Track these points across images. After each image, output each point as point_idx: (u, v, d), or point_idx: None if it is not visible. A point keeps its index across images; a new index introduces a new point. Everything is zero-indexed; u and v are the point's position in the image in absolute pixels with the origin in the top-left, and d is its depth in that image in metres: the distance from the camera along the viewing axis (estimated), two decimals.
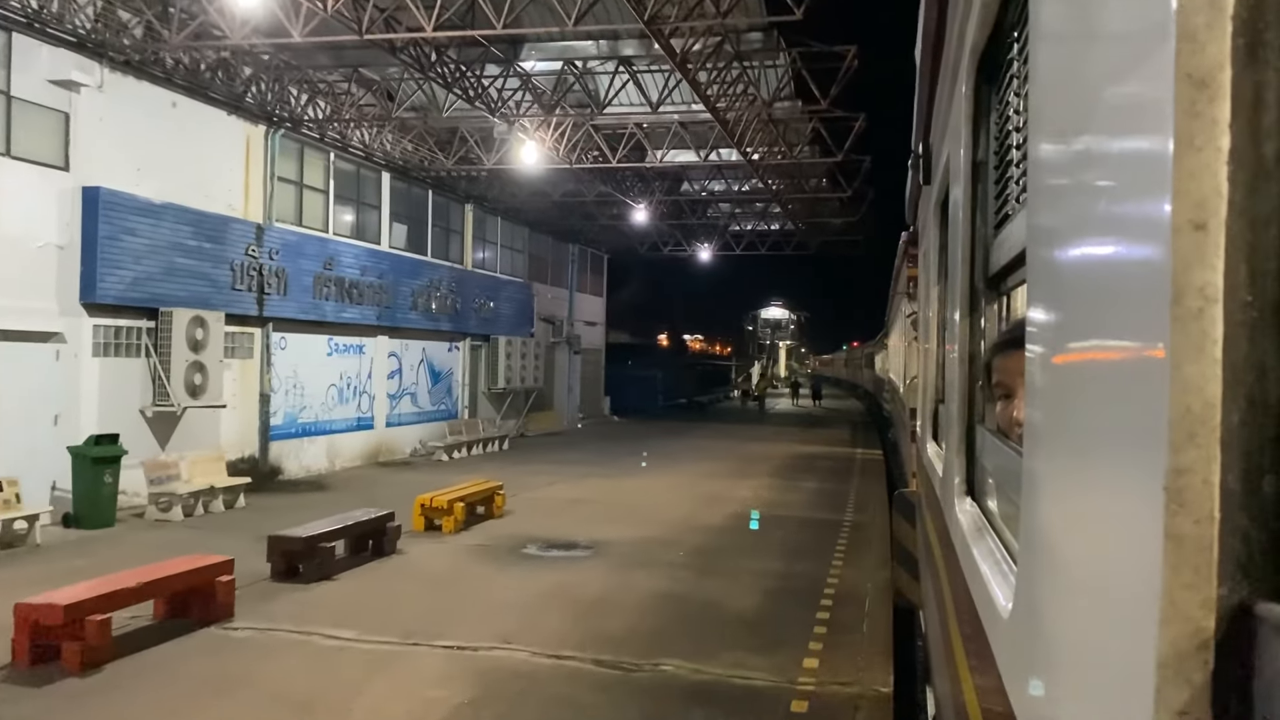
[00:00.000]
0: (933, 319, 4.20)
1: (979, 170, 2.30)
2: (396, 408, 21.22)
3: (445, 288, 22.73)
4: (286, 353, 17.34)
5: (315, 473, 18.12)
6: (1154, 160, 0.69)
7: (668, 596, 9.42)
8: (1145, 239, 0.72)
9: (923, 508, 4.82)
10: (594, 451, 23.75)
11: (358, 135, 19.05)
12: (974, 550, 1.92)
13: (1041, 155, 1.19)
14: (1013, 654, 1.35)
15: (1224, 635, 0.65)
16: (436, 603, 9.10)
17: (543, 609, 8.87)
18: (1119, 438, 0.80)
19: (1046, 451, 1.11)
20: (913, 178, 5.42)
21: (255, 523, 12.26)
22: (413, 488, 14.56)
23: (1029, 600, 1.23)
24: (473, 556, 11.23)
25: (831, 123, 18.93)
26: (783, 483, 18.74)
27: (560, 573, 10.47)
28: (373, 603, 9.07)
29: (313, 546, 9.92)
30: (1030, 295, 1.24)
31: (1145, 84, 0.73)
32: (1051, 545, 1.08)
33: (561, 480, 17.94)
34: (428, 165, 21.07)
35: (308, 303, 17.46)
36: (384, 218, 20.85)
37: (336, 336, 18.91)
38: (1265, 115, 0.65)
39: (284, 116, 16.80)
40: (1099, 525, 0.87)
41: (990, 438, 2.14)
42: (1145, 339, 0.72)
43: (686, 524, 13.50)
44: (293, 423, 17.59)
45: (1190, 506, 0.66)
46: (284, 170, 17.34)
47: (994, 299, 2.24)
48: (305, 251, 17.39)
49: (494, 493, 13.81)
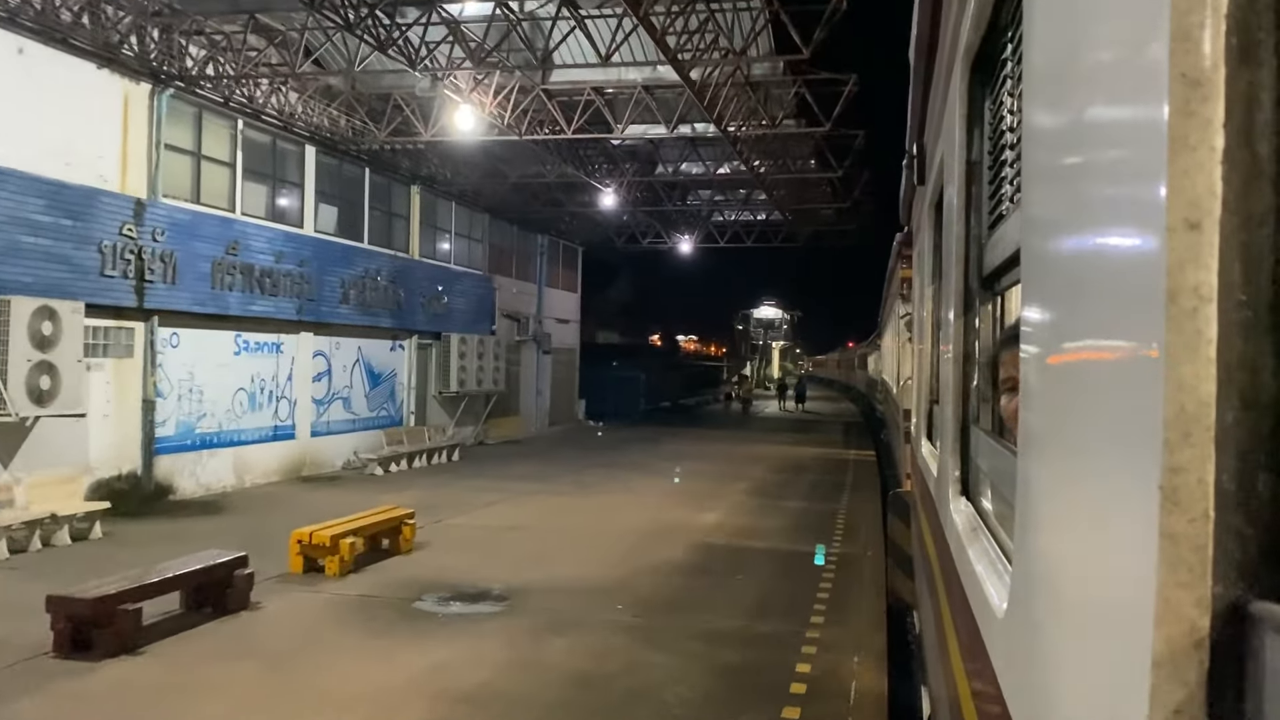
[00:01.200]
0: (927, 319, 4.34)
1: (973, 170, 2.38)
2: (324, 414, 18.80)
3: (385, 278, 20.39)
4: (180, 351, 14.95)
5: (217, 491, 15.69)
6: (1148, 160, 0.73)
7: (587, 685, 7.00)
8: (1139, 238, 0.77)
9: (918, 508, 4.94)
10: (554, 463, 22.28)
11: (274, 101, 16.59)
12: (969, 550, 2.01)
13: (1035, 155, 1.26)
14: (1008, 653, 1.41)
15: (1219, 634, 0.68)
16: (256, 699, 6.51)
17: (399, 712, 6.26)
18: (1114, 437, 0.84)
19: (1041, 451, 1.17)
20: (907, 178, 5.58)
21: (100, 561, 10.52)
22: (330, 508, 13.09)
23: (1024, 600, 1.28)
24: (345, 616, 8.79)
25: (818, 86, 16.43)
26: (761, 503, 16.67)
27: (451, 642, 8.01)
28: (165, 701, 6.46)
29: (108, 611, 7.29)
30: (1024, 295, 1.30)
31: (1139, 83, 0.77)
32: (1046, 544, 1.13)
33: (505, 499, 15.66)
34: (359, 138, 18.51)
35: (206, 293, 15.05)
36: (309, 198, 18.53)
37: (247, 333, 16.53)
38: (1259, 115, 0.68)
39: (173, 73, 14.29)
40: (1094, 524, 0.91)
41: (985, 438, 2.21)
42: (1139, 338, 0.76)
43: (639, 559, 11.79)
44: (188, 433, 15.19)
45: (1185, 505, 0.69)
46: (175, 137, 15.02)
47: (988, 299, 2.29)
48: (202, 233, 15.00)
49: (401, 522, 11.31)
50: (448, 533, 12.88)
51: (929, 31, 3.34)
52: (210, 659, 7.65)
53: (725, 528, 13.81)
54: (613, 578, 10.47)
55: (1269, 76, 0.68)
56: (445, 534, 12.77)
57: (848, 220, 30.67)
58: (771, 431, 34.41)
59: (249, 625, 8.61)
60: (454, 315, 24.20)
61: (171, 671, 7.32)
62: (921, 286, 4.97)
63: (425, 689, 6.95)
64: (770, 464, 22.36)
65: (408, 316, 22.15)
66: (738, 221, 33.79)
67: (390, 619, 8.80)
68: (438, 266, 24.19)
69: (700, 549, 12.25)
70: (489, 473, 19.58)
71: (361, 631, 8.40)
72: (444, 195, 24.64)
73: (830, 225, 32.12)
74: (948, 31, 2.69)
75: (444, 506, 14.80)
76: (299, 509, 14.01)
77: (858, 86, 16.93)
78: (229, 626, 8.51)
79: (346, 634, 8.33)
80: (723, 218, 33.69)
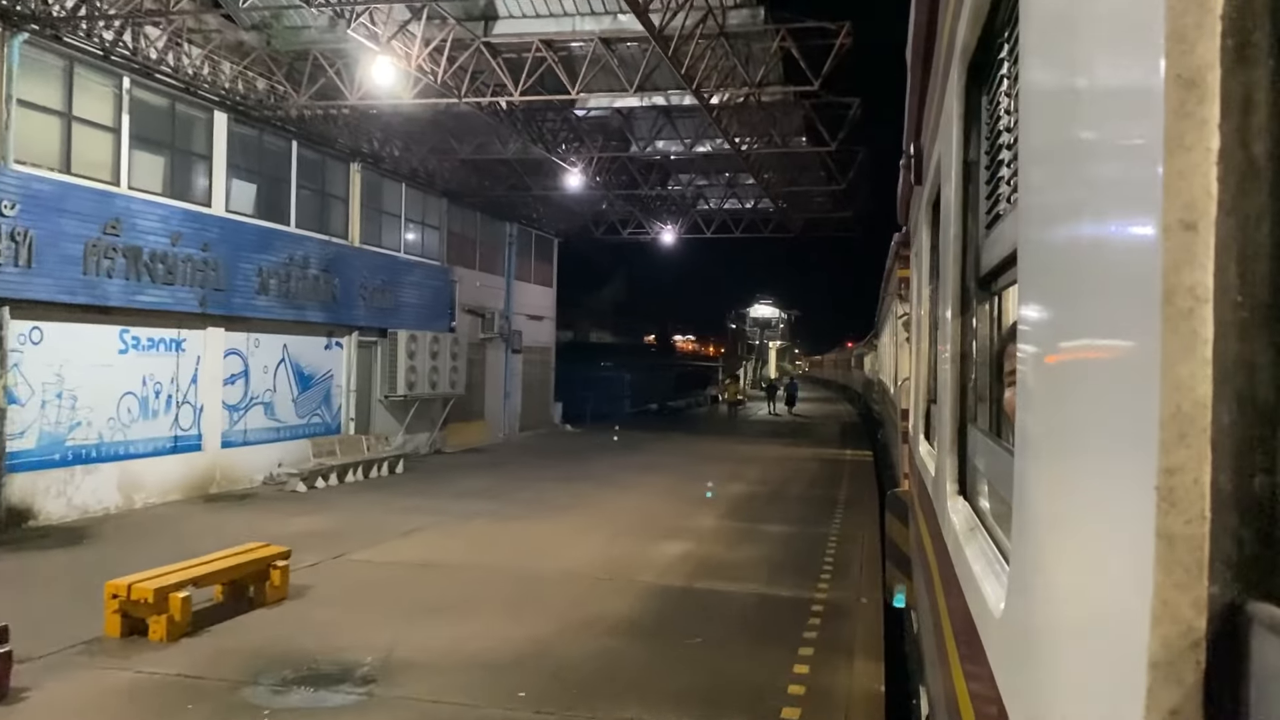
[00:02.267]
0: (925, 319, 4.39)
1: (970, 170, 2.42)
2: (240, 422, 16.41)
3: (316, 267, 17.99)
4: (42, 349, 12.48)
5: (96, 514, 13.37)
6: (1144, 160, 0.73)
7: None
8: (1135, 239, 0.77)
9: (915, 507, 4.87)
10: (513, 475, 19.93)
11: (172, 58, 14.01)
12: (966, 550, 2.03)
13: (1032, 155, 1.26)
14: (1005, 653, 1.42)
15: (1215, 635, 0.69)
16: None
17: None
18: (1110, 437, 0.85)
19: (1038, 451, 1.17)
20: (904, 178, 5.59)
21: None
22: (226, 534, 10.98)
23: (1021, 600, 1.29)
24: (137, 713, 6.19)
25: (805, 37, 13.96)
26: (737, 528, 14.31)
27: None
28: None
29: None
30: (1021, 295, 1.31)
31: (1135, 84, 0.78)
32: (1043, 545, 1.14)
33: (436, 524, 13.38)
34: (278, 102, 15.96)
35: (76, 279, 12.67)
36: (218, 172, 16.13)
37: (137, 328, 14.08)
38: (1254, 115, 0.69)
39: (27, 13, 11.70)
40: (1091, 525, 0.91)
41: (982, 438, 2.25)
42: (1136, 339, 0.77)
43: (574, 611, 9.39)
44: (56, 446, 12.82)
45: (1181, 506, 0.69)
46: (34, 93, 12.60)
47: (986, 299, 2.33)
48: (72, 208, 12.71)
49: (269, 565, 8.76)
50: (343, 573, 10.39)
51: (925, 32, 3.43)
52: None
53: (691, 562, 11.34)
54: (531, 641, 8.02)
55: (1265, 77, 0.68)
56: (339, 575, 10.28)
57: (844, 206, 28.11)
58: (759, 438, 31.93)
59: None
60: (403, 309, 21.66)
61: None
62: (919, 286, 5.01)
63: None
64: (754, 477, 19.91)
65: (345, 310, 19.53)
66: (725, 210, 31.05)
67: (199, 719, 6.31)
68: (383, 255, 21.49)
69: (654, 595, 9.75)
70: (432, 489, 17.07)
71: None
72: (391, 175, 21.87)
73: (825, 212, 29.46)
74: (944, 32, 2.72)
75: (355, 534, 12.38)
76: (186, 537, 11.61)
77: (851, 38, 14.48)
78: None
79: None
80: (708, 205, 31.11)
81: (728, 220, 31.35)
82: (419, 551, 11.77)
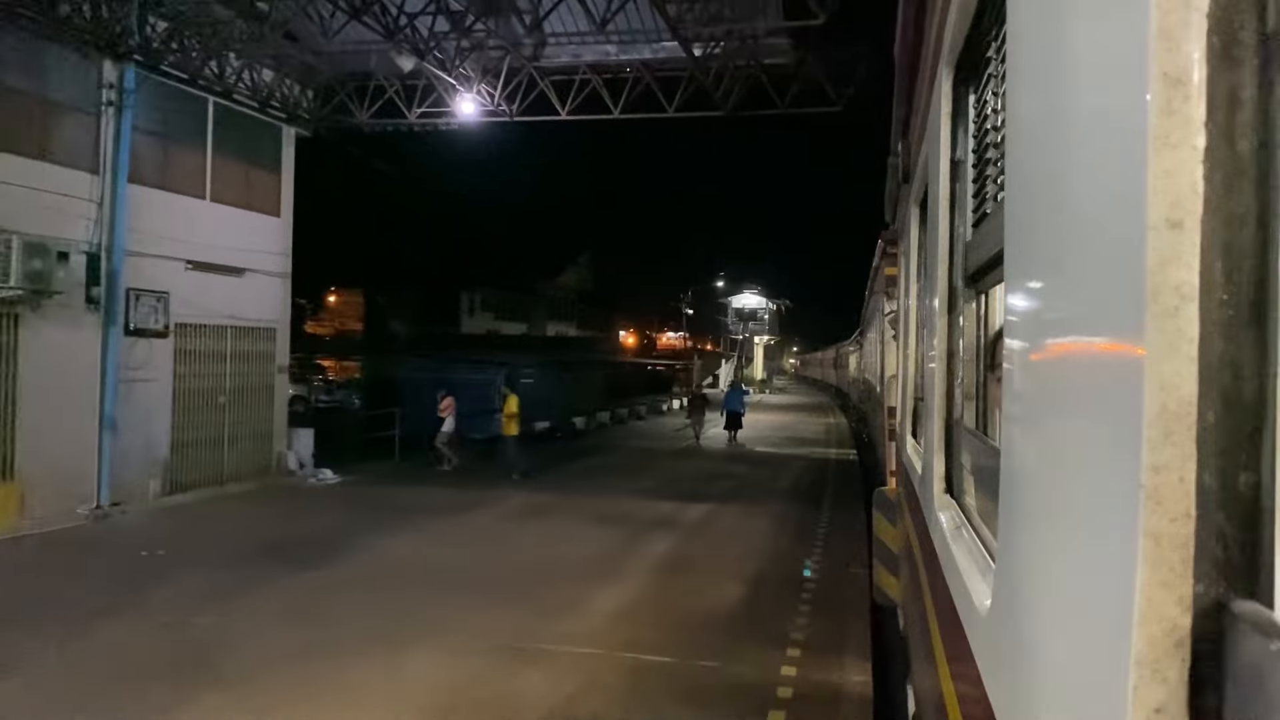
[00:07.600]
0: (912, 316, 4.42)
1: (957, 169, 2.45)
2: None
3: None
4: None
5: None
6: (1130, 158, 0.74)
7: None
8: (1121, 237, 0.77)
9: (902, 505, 4.92)
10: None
11: None
12: (953, 548, 2.05)
13: (1019, 154, 1.27)
14: (991, 651, 1.43)
15: (1200, 633, 0.69)
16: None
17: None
18: (1096, 436, 0.85)
19: (1024, 449, 1.18)
20: (892, 176, 5.64)
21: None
22: None
23: (1007, 597, 1.30)
24: None
25: None
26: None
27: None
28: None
29: None
30: (1008, 293, 1.31)
31: (1121, 82, 0.79)
32: (1029, 543, 1.14)
33: None
34: None
35: None
36: None
37: None
38: (1240, 113, 0.69)
39: None
40: (1077, 523, 0.92)
41: (969, 436, 2.26)
42: (1122, 337, 0.77)
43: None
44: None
45: (1167, 504, 0.70)
46: None
47: (973, 297, 2.34)
48: None
49: None
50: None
51: (913, 31, 3.43)
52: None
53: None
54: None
55: (1250, 76, 0.69)
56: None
57: (820, 64, 14.97)
58: (689, 486, 16.25)
59: None
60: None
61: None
62: (906, 284, 5.02)
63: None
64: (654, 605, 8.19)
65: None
66: (609, 64, 16.22)
67: None
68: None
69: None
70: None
71: None
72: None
73: (784, 68, 15.33)
74: (932, 30, 2.74)
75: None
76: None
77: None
78: None
79: None
80: (573, 54, 16.08)
81: (598, 87, 16.30)
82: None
